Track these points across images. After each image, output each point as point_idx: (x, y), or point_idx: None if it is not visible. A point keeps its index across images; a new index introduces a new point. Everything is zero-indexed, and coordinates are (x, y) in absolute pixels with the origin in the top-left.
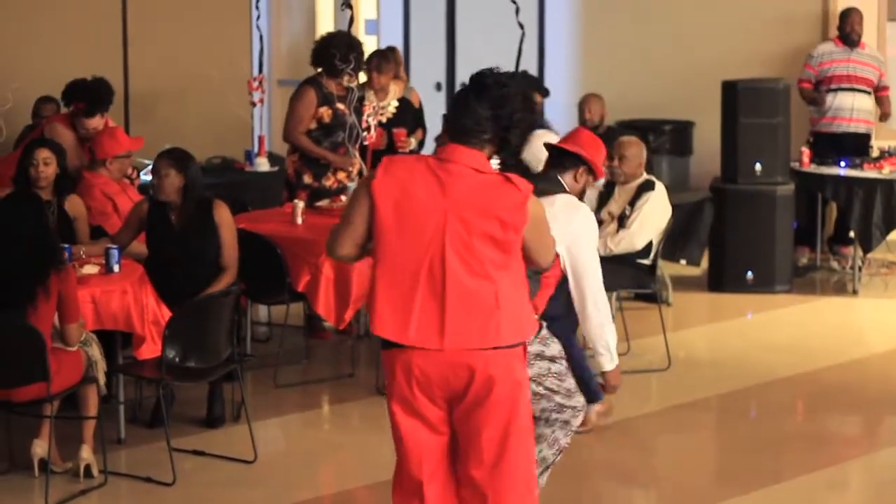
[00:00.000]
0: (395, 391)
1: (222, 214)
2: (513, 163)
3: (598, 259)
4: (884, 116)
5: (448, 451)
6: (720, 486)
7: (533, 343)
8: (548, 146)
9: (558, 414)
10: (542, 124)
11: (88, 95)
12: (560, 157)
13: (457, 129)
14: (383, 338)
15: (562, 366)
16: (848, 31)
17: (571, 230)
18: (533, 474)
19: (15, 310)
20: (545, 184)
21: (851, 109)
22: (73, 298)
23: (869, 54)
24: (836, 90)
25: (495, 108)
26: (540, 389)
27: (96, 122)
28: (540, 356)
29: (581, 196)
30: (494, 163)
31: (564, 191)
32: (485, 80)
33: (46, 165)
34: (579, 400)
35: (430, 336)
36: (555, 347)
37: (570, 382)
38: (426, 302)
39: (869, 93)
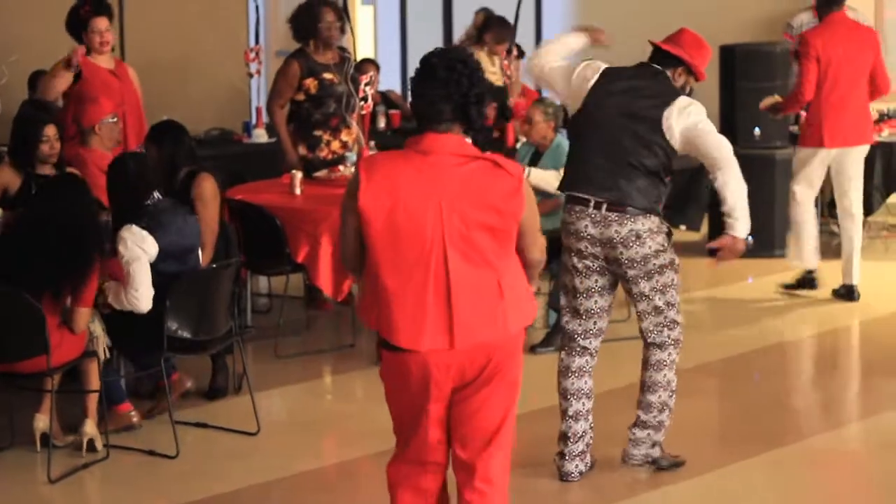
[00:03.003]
0: (408, 389)
1: (199, 189)
2: (482, 138)
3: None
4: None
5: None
6: (722, 450)
7: (668, 249)
8: (651, 43)
9: (670, 331)
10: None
11: None
12: (660, 57)
13: (420, 116)
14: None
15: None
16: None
17: (688, 121)
18: (509, 458)
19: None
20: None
21: None
22: (91, 283)
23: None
24: None
25: (446, 89)
26: (661, 303)
27: (104, 25)
28: (672, 265)
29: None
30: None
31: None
32: (430, 61)
33: (56, 141)
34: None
35: (440, 336)
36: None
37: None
38: (436, 303)
39: None
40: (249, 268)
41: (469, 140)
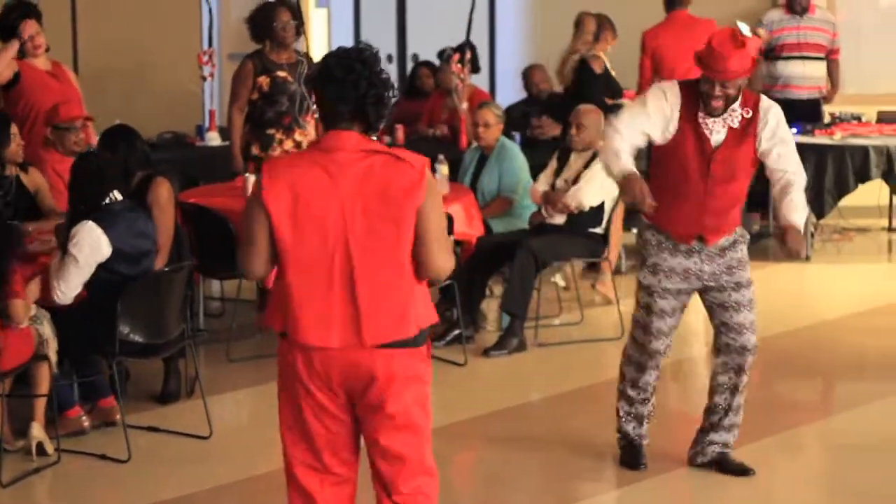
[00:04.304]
0: (301, 388)
1: (156, 193)
2: (379, 137)
3: None
4: (829, 95)
5: (351, 437)
6: (677, 451)
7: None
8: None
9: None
10: None
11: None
12: None
13: (322, 116)
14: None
15: None
16: None
17: None
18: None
19: None
20: None
21: (802, 77)
22: (14, 274)
23: (820, 18)
24: (786, 59)
25: (343, 89)
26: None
27: (34, 28)
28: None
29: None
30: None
31: None
32: (328, 62)
33: (21, 139)
34: None
35: (348, 333)
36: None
37: None
38: (342, 299)
39: (821, 58)
40: (202, 271)
41: (374, 138)
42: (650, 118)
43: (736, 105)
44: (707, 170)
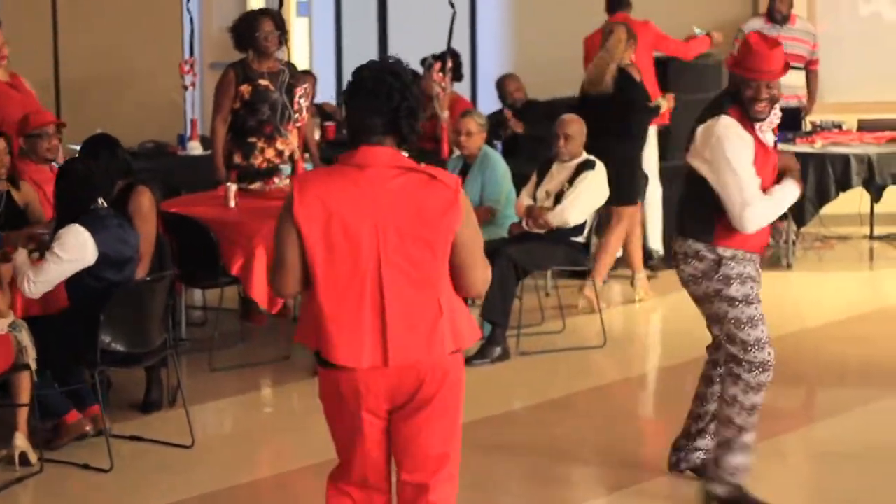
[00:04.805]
0: (341, 407)
1: (137, 202)
2: (415, 151)
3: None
4: (807, 108)
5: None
6: (659, 461)
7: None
8: None
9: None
10: None
11: None
12: None
13: (352, 130)
14: (334, 362)
15: None
16: (772, 8)
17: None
18: (456, 483)
19: None
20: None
21: (782, 86)
22: None
23: (800, 29)
24: None
25: (377, 101)
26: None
27: None
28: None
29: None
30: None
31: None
32: (362, 74)
33: (5, 155)
34: None
35: (375, 354)
36: None
37: None
38: (372, 319)
39: (801, 68)
40: (184, 280)
41: (404, 153)
42: (751, 161)
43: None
44: (772, 175)
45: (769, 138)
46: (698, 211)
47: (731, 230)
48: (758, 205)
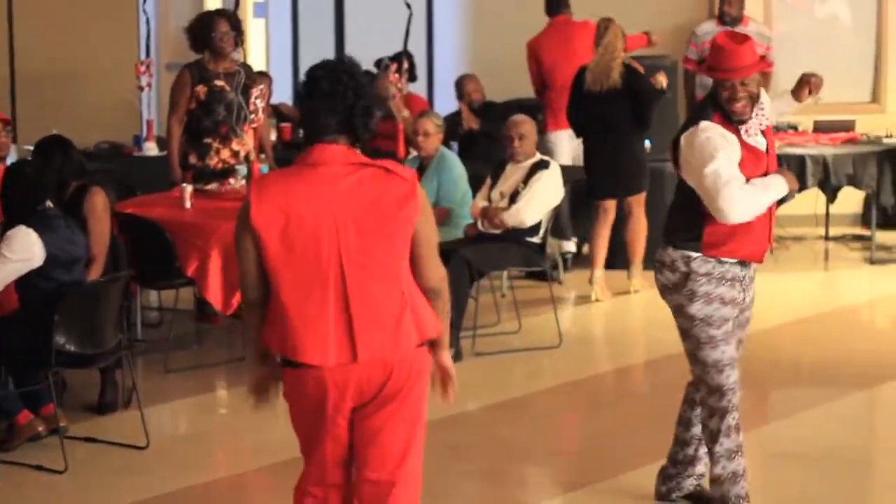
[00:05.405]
0: (307, 406)
1: (91, 203)
2: (368, 150)
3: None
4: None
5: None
6: (614, 461)
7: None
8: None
9: None
10: None
11: None
12: None
13: (307, 130)
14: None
15: None
16: (722, 11)
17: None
18: (420, 471)
19: None
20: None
21: None
22: None
23: (753, 31)
24: None
25: (331, 101)
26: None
27: None
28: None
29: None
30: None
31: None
32: (315, 74)
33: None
34: None
35: (343, 350)
36: None
37: None
38: (336, 316)
39: None
40: (139, 281)
41: (358, 150)
42: (735, 153)
43: (760, 105)
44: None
45: (760, 141)
46: (686, 218)
47: (720, 237)
48: (735, 186)
